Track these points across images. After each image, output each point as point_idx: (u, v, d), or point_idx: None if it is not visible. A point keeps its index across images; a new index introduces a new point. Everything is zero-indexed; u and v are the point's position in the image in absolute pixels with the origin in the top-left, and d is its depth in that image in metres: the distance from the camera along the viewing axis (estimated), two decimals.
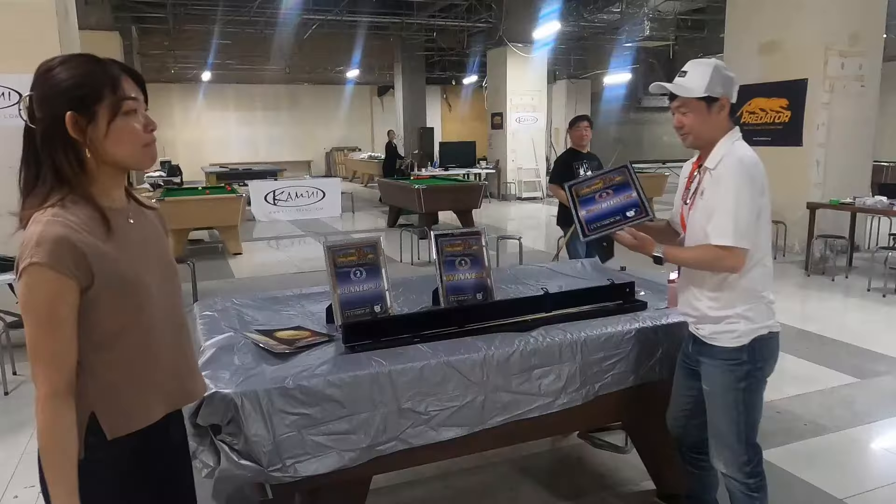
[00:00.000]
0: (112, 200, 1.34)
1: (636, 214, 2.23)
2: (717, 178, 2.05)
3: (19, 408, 3.99)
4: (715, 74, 2.06)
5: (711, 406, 2.18)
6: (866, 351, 4.77)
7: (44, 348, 1.21)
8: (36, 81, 1.29)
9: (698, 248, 2.10)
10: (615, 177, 2.33)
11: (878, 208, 6.90)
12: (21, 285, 1.21)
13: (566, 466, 3.17)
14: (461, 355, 2.16)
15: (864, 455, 3.36)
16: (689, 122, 2.10)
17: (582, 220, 2.34)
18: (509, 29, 14.47)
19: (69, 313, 1.22)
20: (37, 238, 1.20)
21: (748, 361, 2.10)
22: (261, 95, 24.07)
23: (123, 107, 1.28)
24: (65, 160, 1.26)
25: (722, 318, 2.11)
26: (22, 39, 4.85)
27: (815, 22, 7.67)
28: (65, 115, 1.24)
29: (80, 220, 1.25)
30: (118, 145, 1.29)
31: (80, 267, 1.21)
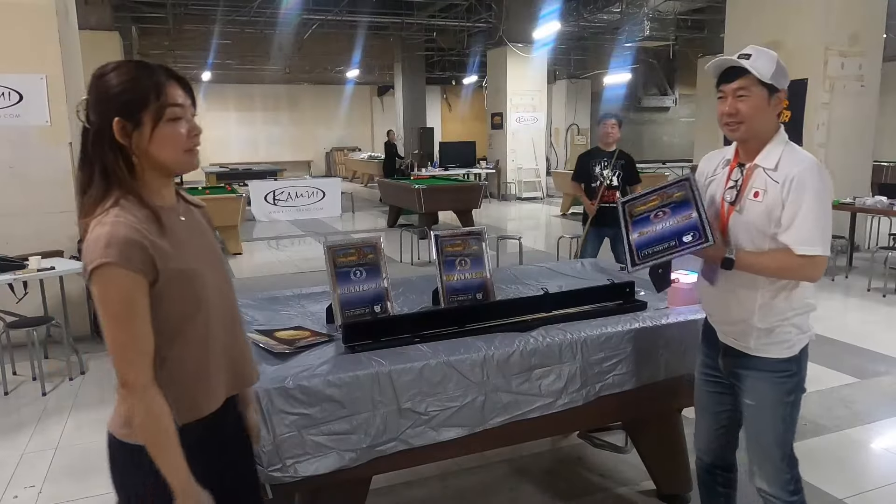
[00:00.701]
0: (163, 199, 1.40)
1: (694, 240, 1.89)
2: (793, 183, 1.84)
3: (19, 408, 3.99)
4: (778, 64, 1.90)
5: (756, 421, 2.02)
6: (866, 351, 4.77)
7: (130, 343, 1.28)
8: (90, 86, 1.35)
9: (778, 255, 1.88)
10: (674, 192, 2.00)
11: (878, 208, 6.91)
12: (96, 286, 1.26)
13: (566, 466, 3.17)
14: (461, 355, 2.16)
15: (864, 455, 3.36)
16: (747, 109, 1.88)
17: (632, 246, 2.02)
18: (509, 29, 14.46)
19: (145, 307, 1.29)
20: (106, 239, 1.25)
21: (797, 373, 1.98)
22: (261, 95, 24.07)
23: (167, 114, 1.33)
24: (114, 163, 1.32)
25: (773, 328, 1.94)
26: (22, 39, 4.86)
27: (815, 22, 7.66)
28: (112, 120, 1.30)
29: (138, 219, 1.31)
30: (162, 150, 1.34)
31: (146, 264, 1.28)
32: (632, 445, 3.07)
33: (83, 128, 1.35)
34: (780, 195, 1.86)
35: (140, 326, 1.28)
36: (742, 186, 1.96)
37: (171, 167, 1.38)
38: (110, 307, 1.27)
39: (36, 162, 4.96)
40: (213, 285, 1.43)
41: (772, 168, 1.91)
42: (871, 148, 8.24)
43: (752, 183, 1.94)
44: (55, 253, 4.80)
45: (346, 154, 23.92)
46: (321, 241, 2.68)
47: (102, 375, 4.49)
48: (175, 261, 1.34)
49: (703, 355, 2.19)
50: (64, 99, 4.99)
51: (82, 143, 1.35)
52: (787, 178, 1.86)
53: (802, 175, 1.85)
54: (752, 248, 1.93)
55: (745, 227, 1.94)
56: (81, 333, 5.11)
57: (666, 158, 20.41)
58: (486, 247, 2.74)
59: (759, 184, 1.92)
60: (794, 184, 1.84)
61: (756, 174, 1.94)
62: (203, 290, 1.40)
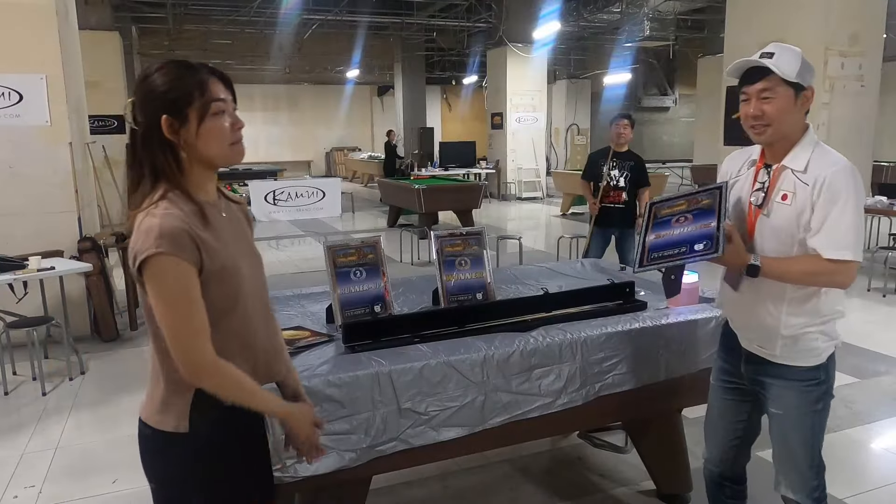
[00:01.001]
0: (207, 195, 1.45)
1: (705, 249, 1.83)
2: (824, 185, 1.76)
3: (19, 408, 3.99)
4: (803, 61, 1.80)
5: (783, 430, 1.97)
6: (866, 351, 4.77)
7: (190, 328, 1.33)
8: (136, 87, 1.41)
9: (806, 260, 1.81)
10: (703, 199, 1.92)
11: (878, 208, 6.91)
12: (149, 276, 1.31)
13: (566, 466, 3.17)
14: (461, 355, 2.16)
15: (864, 455, 3.36)
16: (773, 110, 1.79)
17: (646, 246, 1.97)
18: (509, 29, 14.46)
19: (198, 292, 1.34)
20: (158, 230, 1.30)
21: (825, 380, 1.92)
22: (261, 95, 24.05)
23: (212, 108, 1.38)
24: (163, 159, 1.38)
25: (799, 336, 1.88)
26: (22, 39, 4.85)
27: (815, 22, 7.66)
28: (160, 118, 1.36)
29: (185, 213, 1.36)
30: (208, 144, 1.40)
31: (194, 254, 1.33)
32: (632, 445, 3.07)
33: (131, 129, 1.41)
34: (811, 198, 1.78)
35: (197, 309, 1.33)
36: (769, 189, 1.88)
37: (218, 160, 1.43)
38: (167, 295, 1.31)
39: (36, 162, 4.95)
40: (250, 281, 1.48)
41: (801, 170, 1.82)
42: (871, 148, 8.23)
43: (779, 185, 1.86)
44: (55, 253, 4.80)
45: (346, 154, 23.92)
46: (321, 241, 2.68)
47: (102, 375, 4.49)
48: (218, 256, 1.38)
49: (723, 361, 2.12)
50: (64, 99, 4.99)
51: (131, 144, 1.41)
52: (818, 180, 1.77)
53: (835, 177, 1.76)
54: (778, 252, 1.86)
55: (772, 230, 1.87)
56: (81, 333, 5.12)
57: (666, 158, 20.43)
58: (486, 247, 2.74)
59: (787, 186, 1.84)
60: (826, 186, 1.76)
61: (784, 176, 1.85)
62: (241, 285, 1.44)
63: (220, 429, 1.43)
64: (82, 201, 5.31)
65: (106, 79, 11.01)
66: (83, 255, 4.98)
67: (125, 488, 3.03)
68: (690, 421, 3.08)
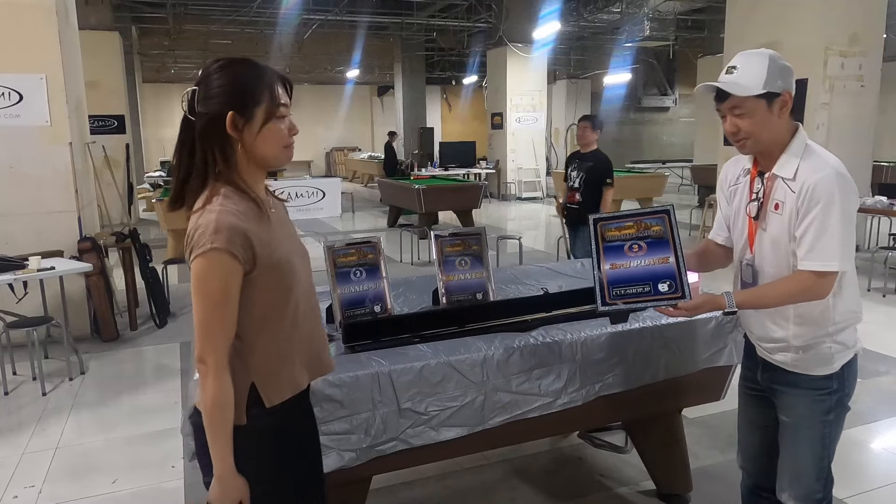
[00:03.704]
0: (258, 192, 1.47)
1: (669, 291, 1.77)
2: (809, 192, 1.71)
3: (19, 408, 3.99)
4: (772, 65, 1.73)
5: (791, 439, 1.92)
6: (866, 351, 4.72)
7: (216, 325, 1.35)
8: (203, 79, 1.41)
9: (781, 284, 1.77)
10: (652, 224, 1.86)
11: (878, 208, 6.91)
12: (197, 267, 1.33)
13: (566, 466, 3.17)
14: (461, 355, 2.16)
15: (864, 455, 3.36)
16: (748, 125, 1.75)
17: (604, 279, 1.87)
18: (509, 29, 14.46)
19: (236, 295, 1.37)
20: (214, 225, 1.32)
21: (838, 390, 1.84)
22: None
23: (278, 112, 1.43)
24: (219, 154, 1.39)
25: (811, 344, 1.82)
26: (22, 39, 4.85)
27: (815, 22, 7.66)
28: (226, 113, 1.37)
29: (241, 209, 1.38)
30: (266, 145, 1.42)
31: (247, 251, 1.35)
32: (632, 445, 3.07)
33: (184, 118, 1.40)
34: (796, 205, 1.73)
35: (230, 313, 1.36)
36: (764, 199, 1.83)
37: (271, 161, 1.45)
38: (207, 291, 1.34)
39: (36, 162, 4.95)
40: (301, 277, 1.51)
41: (790, 177, 1.77)
42: (871, 148, 8.23)
43: (773, 194, 1.81)
44: (55, 253, 4.80)
45: (346, 154, 23.91)
46: (321, 241, 2.68)
47: (102, 375, 4.49)
48: (271, 251, 1.41)
49: (745, 368, 2.10)
50: (64, 99, 4.99)
51: (181, 133, 1.41)
52: (804, 187, 1.72)
53: (819, 184, 1.70)
54: (777, 264, 1.81)
55: (770, 243, 1.82)
56: (81, 333, 5.12)
57: (666, 158, 20.43)
58: (486, 247, 2.74)
59: (779, 195, 1.79)
60: (811, 193, 1.70)
61: (776, 185, 1.80)
62: (293, 280, 1.47)
63: (275, 423, 1.47)
64: (82, 201, 5.31)
65: (106, 79, 11.01)
66: (83, 255, 4.98)
67: (125, 488, 3.04)
68: (690, 421, 3.08)
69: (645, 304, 1.81)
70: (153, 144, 20.92)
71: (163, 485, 3.06)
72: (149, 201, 10.94)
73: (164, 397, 4.08)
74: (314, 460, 1.66)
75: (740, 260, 1.95)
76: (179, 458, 3.18)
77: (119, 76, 11.82)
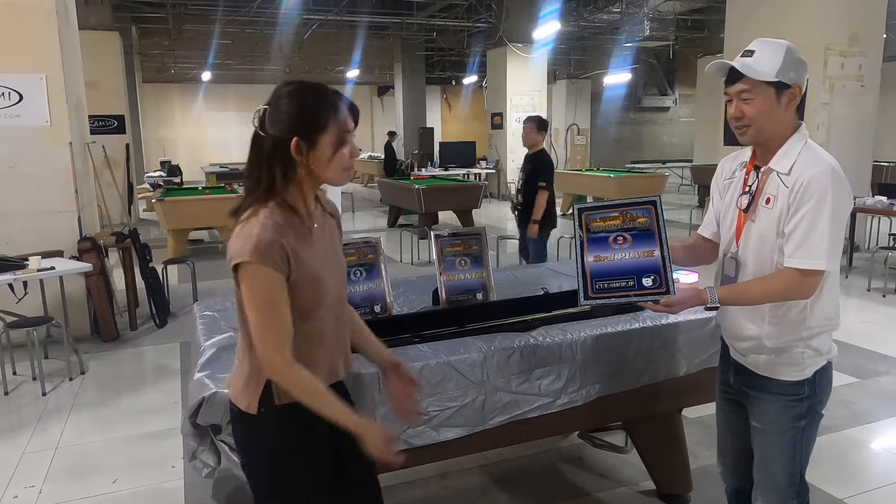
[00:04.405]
0: (307, 206, 1.56)
1: (654, 286, 1.74)
2: (802, 188, 1.68)
3: (19, 408, 3.99)
4: (788, 56, 1.70)
5: (763, 445, 1.90)
6: (866, 351, 4.77)
7: (273, 328, 1.46)
8: (274, 100, 1.51)
9: (767, 281, 1.74)
10: (638, 215, 1.83)
11: (878, 208, 6.91)
12: (243, 280, 1.46)
13: (566, 466, 3.17)
14: (461, 355, 2.16)
15: (864, 455, 3.36)
16: (753, 112, 1.72)
17: (587, 272, 1.83)
18: (509, 29, 14.46)
19: (284, 299, 1.47)
20: (255, 241, 1.42)
21: (810, 396, 1.82)
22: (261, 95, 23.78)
23: (343, 139, 1.51)
24: (279, 173, 1.48)
25: (784, 348, 1.79)
26: (22, 39, 4.85)
27: (815, 22, 7.66)
28: (291, 139, 1.46)
29: (283, 223, 1.48)
30: (329, 169, 1.52)
31: (283, 261, 1.46)
32: (632, 445, 3.07)
33: (255, 134, 1.51)
34: (788, 201, 1.71)
35: (282, 314, 1.46)
36: (756, 192, 1.80)
37: (330, 182, 1.55)
38: (256, 299, 1.45)
39: (36, 162, 4.95)
40: (332, 289, 1.59)
41: (785, 172, 1.74)
42: (871, 148, 8.24)
43: (766, 188, 1.78)
44: (55, 253, 4.80)
45: None
46: None
47: (102, 375, 4.49)
48: (306, 264, 1.50)
49: (720, 371, 2.07)
50: (64, 99, 4.99)
51: (252, 149, 1.53)
52: (798, 183, 1.69)
53: (812, 180, 1.67)
54: (759, 258, 1.79)
55: (757, 236, 1.80)
56: (81, 333, 5.12)
57: (666, 158, 20.43)
58: (486, 247, 2.74)
59: (771, 189, 1.77)
60: (803, 189, 1.68)
61: (770, 179, 1.78)
62: (325, 291, 1.55)
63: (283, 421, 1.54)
64: (82, 201, 5.31)
65: (106, 79, 11.01)
66: (83, 255, 4.98)
67: (125, 488, 3.04)
68: (690, 421, 3.08)
69: (628, 298, 1.77)
70: (153, 144, 20.92)
71: (163, 485, 3.06)
72: (149, 201, 10.95)
73: (164, 397, 4.08)
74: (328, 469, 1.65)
75: (724, 253, 1.92)
76: (179, 458, 3.17)
77: (119, 76, 11.82)
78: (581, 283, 1.82)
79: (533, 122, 5.58)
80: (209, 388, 1.92)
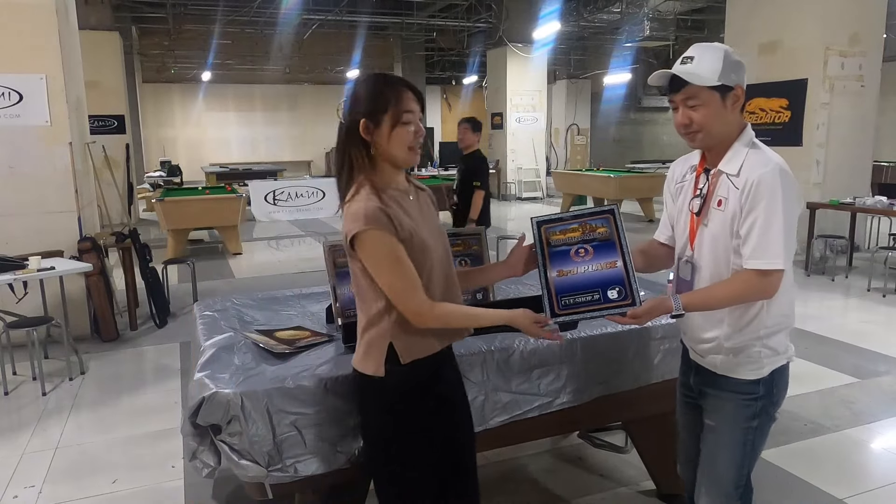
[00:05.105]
0: (397, 184, 1.73)
1: (619, 298, 1.71)
2: (752, 189, 1.69)
3: (19, 408, 3.99)
4: (727, 59, 1.72)
5: (713, 442, 1.89)
6: (866, 351, 4.77)
7: (405, 283, 1.62)
8: (348, 92, 1.73)
9: (728, 285, 1.74)
10: (598, 226, 1.81)
11: (878, 208, 6.91)
12: (362, 249, 1.62)
13: (566, 466, 3.17)
14: (461, 355, 2.15)
15: (864, 455, 3.36)
16: (700, 117, 1.73)
17: (552, 288, 1.77)
18: (509, 29, 14.47)
19: (404, 254, 1.62)
20: (363, 212, 1.60)
21: (764, 396, 1.81)
22: (261, 95, 24.05)
23: (402, 118, 1.65)
24: (357, 154, 1.67)
25: (742, 348, 1.79)
26: (22, 39, 4.85)
27: (815, 22, 7.67)
28: (360, 121, 1.65)
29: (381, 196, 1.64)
30: (392, 146, 1.67)
31: (391, 226, 1.61)
32: (632, 445, 3.07)
33: (339, 125, 1.72)
34: (740, 202, 1.71)
35: (407, 266, 1.62)
36: (708, 195, 1.81)
37: (399, 161, 1.70)
38: (380, 261, 1.61)
39: (36, 162, 4.95)
40: (436, 254, 1.72)
41: (734, 174, 1.75)
42: (871, 148, 8.24)
43: (717, 191, 1.79)
44: (55, 253, 4.80)
45: None
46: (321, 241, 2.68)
47: (102, 375, 4.49)
48: (407, 228, 1.64)
49: (681, 373, 2.08)
50: (64, 99, 4.99)
51: (337, 139, 1.73)
52: (747, 183, 1.70)
53: (762, 180, 1.68)
54: (714, 261, 1.79)
55: (711, 239, 1.80)
56: (81, 333, 5.12)
57: (666, 158, 20.42)
58: (486, 247, 2.74)
59: (722, 191, 1.77)
60: (754, 189, 1.68)
61: (721, 181, 1.78)
62: (428, 253, 1.69)
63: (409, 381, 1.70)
64: (82, 201, 5.31)
65: (106, 79, 11.02)
66: (83, 255, 4.98)
67: (125, 488, 3.04)
68: None
69: (595, 313, 1.72)
70: (153, 144, 20.93)
71: (163, 485, 3.06)
72: (149, 201, 10.95)
73: (164, 397, 4.08)
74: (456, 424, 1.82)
75: (680, 257, 1.91)
76: (179, 458, 3.17)
77: (119, 76, 11.83)
78: (546, 299, 1.76)
79: (468, 123, 5.61)
80: (209, 388, 1.92)
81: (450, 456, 1.78)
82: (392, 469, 1.75)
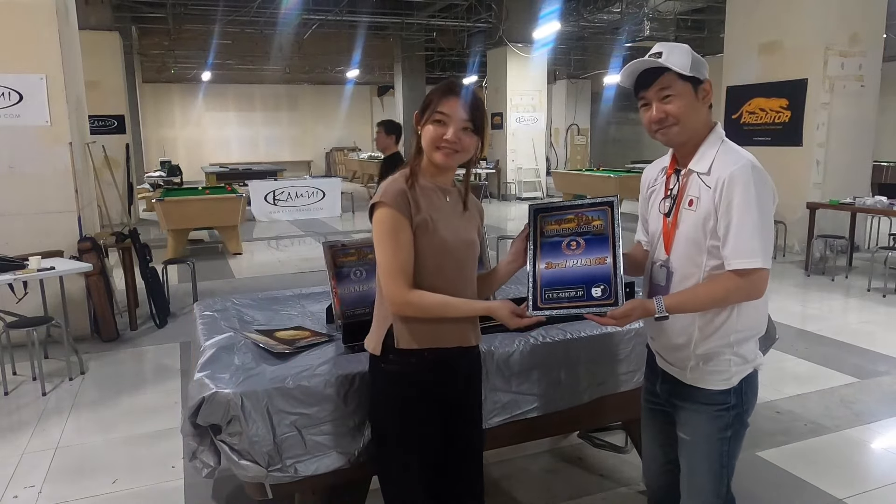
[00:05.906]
0: (436, 181, 1.82)
1: (602, 297, 1.65)
2: (724, 187, 1.66)
3: (19, 408, 3.99)
4: (693, 55, 1.71)
5: (689, 456, 1.85)
6: (866, 351, 4.77)
7: (392, 263, 1.69)
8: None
9: (711, 286, 1.70)
10: (594, 218, 1.76)
11: (878, 208, 6.91)
12: (374, 219, 1.73)
13: (566, 466, 3.17)
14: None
15: (864, 455, 3.36)
16: (676, 109, 1.70)
17: (538, 280, 1.73)
18: (509, 29, 14.47)
19: (407, 239, 1.70)
20: (385, 188, 1.74)
21: (736, 405, 1.78)
22: (261, 95, 24.07)
23: (434, 116, 1.75)
24: (414, 146, 1.82)
25: (711, 354, 1.75)
26: (22, 39, 4.85)
27: (815, 22, 7.67)
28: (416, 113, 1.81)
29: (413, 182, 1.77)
30: (424, 140, 1.78)
31: (408, 209, 1.71)
32: (632, 445, 3.07)
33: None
34: (713, 201, 1.67)
35: (400, 252, 1.69)
36: (678, 195, 1.78)
37: (428, 155, 1.78)
38: (381, 236, 1.71)
39: (36, 162, 4.95)
40: (456, 254, 1.78)
41: (705, 172, 1.71)
42: (871, 148, 8.24)
43: (688, 191, 1.75)
44: (55, 253, 4.80)
45: (346, 154, 23.92)
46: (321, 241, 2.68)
47: (102, 375, 4.49)
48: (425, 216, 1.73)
49: (646, 379, 2.03)
50: (64, 99, 4.99)
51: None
52: (719, 181, 1.66)
53: (733, 177, 1.64)
54: (688, 263, 1.75)
55: (684, 240, 1.75)
56: (81, 333, 5.12)
57: None
58: (487, 247, 2.74)
59: (693, 191, 1.74)
60: (726, 188, 1.65)
61: (691, 180, 1.75)
62: (444, 245, 1.75)
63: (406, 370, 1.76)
64: (82, 201, 5.31)
65: (106, 79, 11.02)
66: (83, 255, 4.98)
67: (125, 488, 3.04)
68: None
69: (576, 310, 1.68)
70: (153, 144, 20.94)
71: (163, 485, 3.06)
72: (149, 201, 10.95)
73: (164, 397, 4.08)
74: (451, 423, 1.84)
75: (654, 261, 1.85)
76: (179, 458, 3.17)
77: (119, 76, 11.82)
78: (531, 291, 1.72)
79: (382, 126, 5.62)
80: (209, 388, 1.92)
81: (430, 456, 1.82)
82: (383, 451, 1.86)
